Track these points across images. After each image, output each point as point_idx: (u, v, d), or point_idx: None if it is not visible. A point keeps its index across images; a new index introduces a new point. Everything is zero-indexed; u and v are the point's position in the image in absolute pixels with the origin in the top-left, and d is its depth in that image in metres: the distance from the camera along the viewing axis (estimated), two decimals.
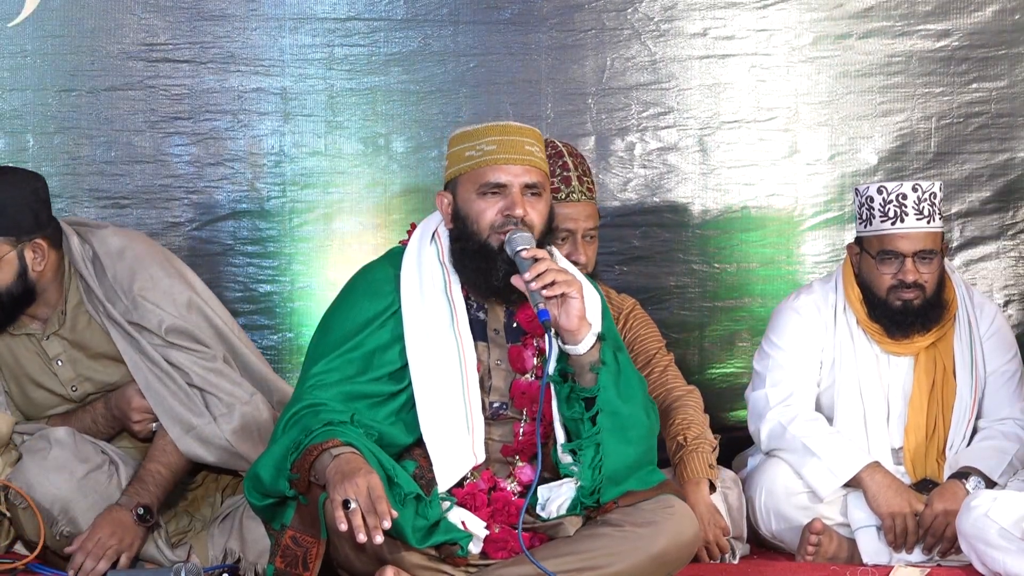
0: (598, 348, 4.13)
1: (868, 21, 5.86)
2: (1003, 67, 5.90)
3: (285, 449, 4.02)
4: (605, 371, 4.12)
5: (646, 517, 4.03)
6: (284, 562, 3.99)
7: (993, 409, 5.17)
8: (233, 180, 5.65)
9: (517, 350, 4.23)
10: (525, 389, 4.21)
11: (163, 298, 4.70)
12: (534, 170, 4.18)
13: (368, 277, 4.32)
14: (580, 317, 4.09)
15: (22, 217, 4.60)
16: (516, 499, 4.15)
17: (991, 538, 4.53)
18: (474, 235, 4.17)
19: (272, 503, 4.07)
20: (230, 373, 4.72)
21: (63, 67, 5.53)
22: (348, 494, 3.80)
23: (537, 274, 4.05)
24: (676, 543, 4.04)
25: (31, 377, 4.76)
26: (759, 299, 5.87)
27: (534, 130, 4.26)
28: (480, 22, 5.72)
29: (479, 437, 4.15)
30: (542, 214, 4.19)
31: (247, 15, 5.62)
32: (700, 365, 5.79)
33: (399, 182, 5.70)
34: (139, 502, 4.57)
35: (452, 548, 3.98)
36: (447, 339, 4.18)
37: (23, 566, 4.50)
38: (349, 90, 5.67)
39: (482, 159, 4.17)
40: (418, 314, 4.19)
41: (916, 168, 5.87)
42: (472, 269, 4.18)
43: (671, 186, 5.85)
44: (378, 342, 4.18)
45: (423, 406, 4.13)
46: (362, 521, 3.79)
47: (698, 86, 5.83)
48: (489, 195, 4.16)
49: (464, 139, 4.23)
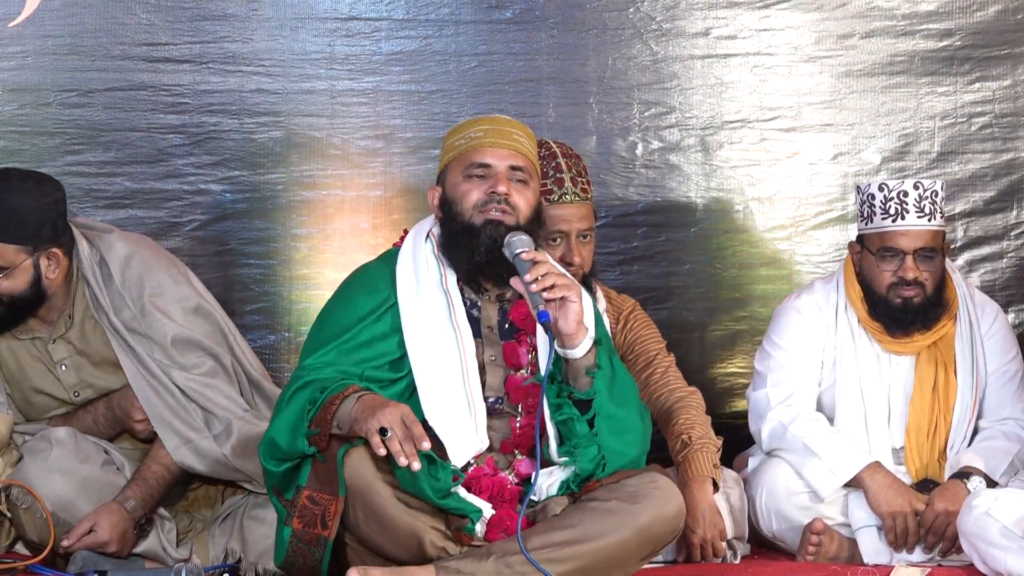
0: (594, 352, 4.14)
1: (871, 21, 5.85)
2: (1006, 67, 5.89)
3: (300, 409, 4.05)
4: (600, 375, 4.14)
5: (631, 492, 4.06)
6: (302, 522, 4.01)
7: (994, 409, 5.17)
8: (233, 180, 5.64)
9: (512, 347, 4.27)
10: (519, 384, 4.23)
11: (172, 305, 4.73)
12: (520, 156, 4.26)
13: (364, 275, 4.36)
14: (578, 321, 4.11)
15: (41, 227, 4.63)
16: (511, 486, 4.16)
17: (992, 537, 4.53)
18: (458, 216, 4.23)
19: (287, 469, 4.08)
20: (227, 389, 4.73)
21: (63, 67, 5.51)
22: (383, 422, 3.86)
23: (537, 276, 4.06)
24: (660, 517, 4.06)
25: (33, 382, 4.77)
26: (761, 299, 5.86)
27: (524, 125, 4.34)
28: (481, 22, 5.71)
29: (482, 423, 4.18)
30: (528, 201, 4.24)
31: (248, 15, 5.61)
32: (701, 365, 5.78)
33: (399, 182, 5.69)
34: (136, 501, 4.60)
35: (462, 521, 4.01)
36: (445, 330, 4.21)
37: (24, 567, 4.50)
38: (349, 90, 5.66)
39: (469, 144, 4.26)
40: (415, 307, 4.23)
41: (920, 168, 5.87)
42: (456, 249, 4.24)
43: (673, 186, 5.84)
44: (375, 333, 4.22)
45: (425, 394, 4.15)
46: (399, 447, 3.83)
47: (700, 86, 5.82)
48: (475, 177, 4.23)
49: (454, 132, 4.33)
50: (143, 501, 4.62)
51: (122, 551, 4.59)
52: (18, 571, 4.48)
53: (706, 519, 4.73)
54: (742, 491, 5.06)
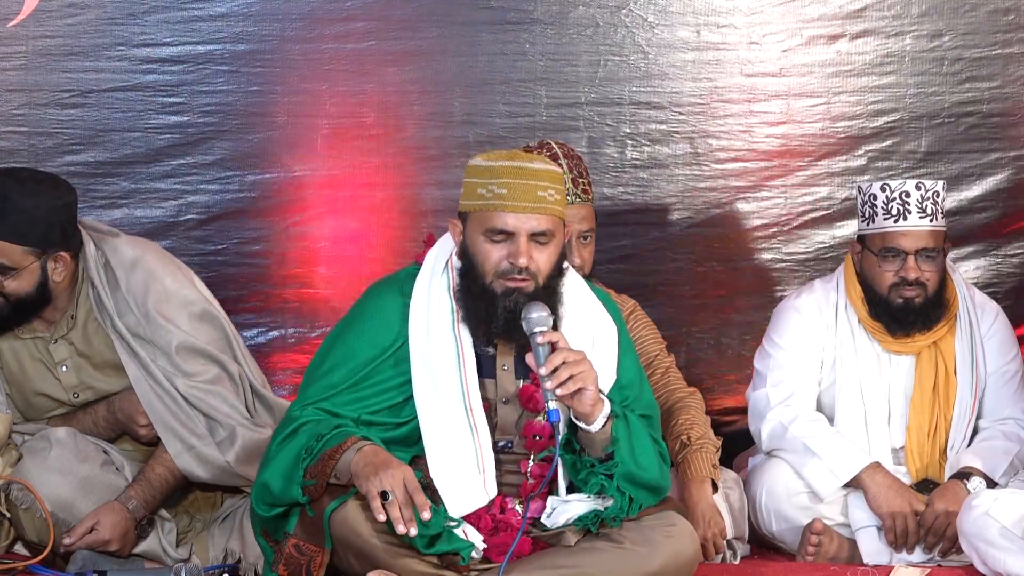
0: (610, 424, 4.09)
1: (861, 21, 5.82)
2: (996, 67, 5.86)
3: (295, 456, 4.02)
4: (617, 448, 4.09)
5: (645, 535, 4.05)
6: (288, 570, 3.99)
7: (994, 409, 5.18)
8: (230, 180, 5.64)
9: (529, 390, 4.18)
10: (539, 431, 4.17)
11: (178, 312, 4.72)
12: (544, 217, 4.10)
13: (378, 302, 4.26)
14: (593, 404, 4.04)
15: (51, 231, 4.61)
16: (517, 520, 4.13)
17: (992, 537, 4.55)
18: (479, 277, 4.13)
19: (277, 514, 4.08)
20: (231, 397, 4.72)
21: (61, 67, 5.51)
22: (385, 485, 3.82)
23: (552, 370, 4.00)
24: (674, 563, 4.06)
25: (33, 382, 4.78)
26: (746, 298, 5.88)
27: (552, 171, 4.16)
28: (474, 22, 5.68)
29: (491, 476, 4.11)
30: (550, 260, 4.13)
31: (245, 15, 5.59)
32: (687, 362, 5.77)
33: (394, 182, 5.69)
34: (138, 502, 4.62)
35: (454, 558, 3.96)
36: (451, 378, 4.13)
37: (24, 567, 4.52)
38: (345, 90, 5.65)
39: (491, 202, 4.10)
40: (424, 351, 4.16)
41: (906, 168, 5.86)
42: (474, 310, 4.14)
43: (662, 185, 5.84)
44: (382, 377, 4.17)
45: (430, 445, 4.10)
46: (399, 513, 3.83)
47: (691, 86, 5.80)
48: (495, 240, 4.11)
49: (479, 174, 4.15)
50: (145, 502, 4.63)
51: (123, 551, 4.60)
52: (18, 571, 4.50)
53: (705, 519, 4.77)
54: (742, 491, 5.08)
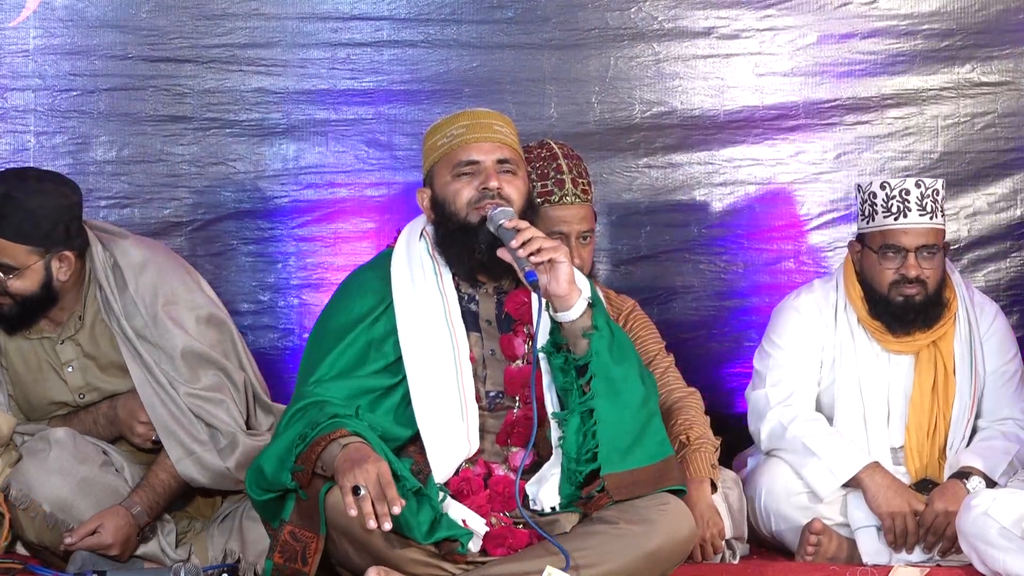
0: (590, 314, 4.13)
1: (872, 20, 5.85)
2: (1008, 65, 5.88)
3: (290, 442, 4.02)
4: (598, 336, 4.11)
5: (641, 515, 4.01)
6: (283, 557, 4.00)
7: (993, 409, 5.18)
8: (235, 179, 5.65)
9: (508, 338, 4.25)
10: (515, 374, 4.23)
11: (185, 315, 4.72)
12: (505, 147, 4.25)
13: (359, 278, 4.37)
14: (569, 282, 4.10)
15: (55, 230, 4.62)
16: (505, 475, 4.15)
17: (991, 537, 4.53)
18: (453, 215, 4.22)
19: (272, 499, 4.07)
20: (232, 404, 4.72)
21: (65, 66, 5.53)
22: (358, 480, 3.82)
23: (523, 241, 4.06)
24: (671, 541, 4.02)
25: (38, 383, 4.77)
26: (766, 298, 5.83)
27: (502, 114, 4.35)
28: (483, 21, 5.72)
29: (473, 425, 4.17)
30: (519, 190, 4.24)
31: (249, 14, 5.62)
32: (707, 365, 5.76)
33: (401, 182, 5.69)
34: (142, 508, 4.60)
35: (452, 545, 3.97)
36: (440, 330, 4.21)
37: (24, 567, 4.50)
38: (351, 89, 5.67)
39: (453, 142, 4.25)
40: (410, 306, 4.22)
41: (923, 167, 5.86)
42: (456, 249, 4.23)
43: (675, 185, 5.84)
44: (372, 336, 4.21)
45: (418, 396, 4.15)
46: (371, 508, 3.79)
47: (702, 85, 5.82)
48: (463, 175, 4.22)
49: (435, 131, 4.32)
50: (149, 508, 4.62)
51: (122, 556, 4.58)
52: (18, 571, 4.47)
53: (704, 519, 4.73)
54: (741, 491, 5.06)
